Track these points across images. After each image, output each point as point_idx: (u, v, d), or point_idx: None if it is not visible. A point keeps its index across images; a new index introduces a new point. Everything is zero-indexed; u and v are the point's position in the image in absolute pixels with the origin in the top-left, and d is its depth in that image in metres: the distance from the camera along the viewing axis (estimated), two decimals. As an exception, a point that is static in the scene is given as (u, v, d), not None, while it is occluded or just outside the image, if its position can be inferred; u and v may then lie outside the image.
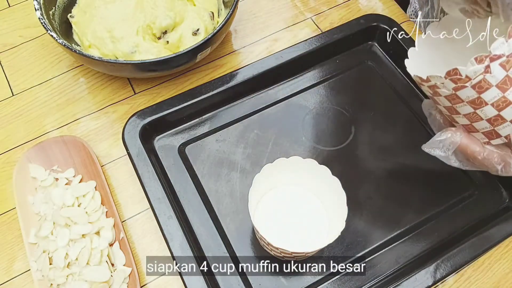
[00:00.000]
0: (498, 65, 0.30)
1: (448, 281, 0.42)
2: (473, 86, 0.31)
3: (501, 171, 0.35)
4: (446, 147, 0.35)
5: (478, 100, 0.31)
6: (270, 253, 0.42)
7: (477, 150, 0.34)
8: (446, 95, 0.33)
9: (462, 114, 0.34)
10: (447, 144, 0.35)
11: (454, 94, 0.32)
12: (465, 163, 0.36)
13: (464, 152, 0.35)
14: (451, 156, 0.36)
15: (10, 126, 0.51)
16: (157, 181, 0.43)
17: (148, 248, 0.44)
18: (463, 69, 0.31)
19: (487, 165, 0.35)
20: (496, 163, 0.34)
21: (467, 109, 0.33)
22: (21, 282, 0.42)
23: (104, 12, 0.51)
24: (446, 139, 0.35)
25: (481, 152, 0.34)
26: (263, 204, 0.43)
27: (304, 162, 0.40)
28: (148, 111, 0.48)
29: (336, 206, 0.39)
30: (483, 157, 0.34)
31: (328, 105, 0.51)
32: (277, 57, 0.52)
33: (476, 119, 0.33)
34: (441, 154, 0.36)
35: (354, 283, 0.41)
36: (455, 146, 0.35)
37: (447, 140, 0.35)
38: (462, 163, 0.36)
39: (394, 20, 0.55)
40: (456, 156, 0.36)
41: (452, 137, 0.35)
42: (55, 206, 0.44)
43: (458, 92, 0.32)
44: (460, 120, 0.34)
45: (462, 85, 0.31)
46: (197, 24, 0.52)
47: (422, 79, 0.34)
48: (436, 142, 0.36)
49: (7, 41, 0.57)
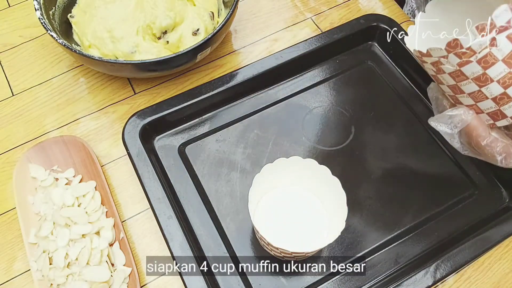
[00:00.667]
0: (505, 38, 0.28)
1: (448, 281, 0.42)
2: (478, 61, 0.29)
3: (500, 162, 0.33)
4: (454, 124, 0.34)
5: (484, 77, 0.30)
6: (270, 253, 0.42)
7: (482, 134, 0.33)
8: (450, 71, 0.31)
9: (466, 93, 0.32)
10: (456, 121, 0.34)
11: (458, 71, 0.31)
12: (466, 146, 0.35)
13: (469, 134, 0.34)
14: (456, 135, 0.34)
15: (10, 126, 0.51)
16: (157, 181, 0.43)
17: (148, 248, 0.44)
18: (465, 39, 0.29)
19: (488, 153, 0.33)
20: (498, 152, 0.33)
21: (472, 87, 0.31)
22: (21, 282, 0.42)
23: (104, 12, 0.51)
24: (457, 115, 0.34)
25: (485, 138, 0.33)
26: (263, 204, 0.43)
27: (304, 162, 0.40)
28: (148, 111, 0.48)
29: (336, 206, 0.39)
30: (486, 143, 0.33)
31: (328, 105, 0.51)
32: (277, 57, 0.52)
33: (481, 98, 0.31)
34: (446, 131, 0.34)
35: (354, 283, 0.41)
36: (464, 124, 0.33)
37: (457, 117, 0.34)
38: (463, 146, 0.35)
39: (394, 20, 0.55)
40: (460, 136, 0.35)
41: (463, 114, 0.33)
42: (55, 206, 0.44)
43: (462, 68, 0.30)
44: (464, 100, 0.33)
45: (467, 60, 0.29)
46: (197, 24, 0.52)
47: (423, 53, 0.33)
48: (445, 117, 0.34)
49: (7, 41, 0.57)
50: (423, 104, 0.51)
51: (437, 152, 0.48)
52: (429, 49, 0.32)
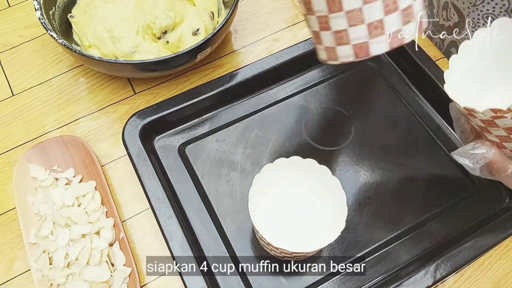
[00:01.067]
0: None
1: (448, 281, 0.42)
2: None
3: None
4: (476, 160, 0.36)
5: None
6: (270, 253, 0.42)
7: (503, 167, 0.35)
8: (482, 119, 0.33)
9: (494, 134, 0.34)
10: (479, 158, 0.35)
11: (491, 121, 0.32)
12: (487, 174, 0.37)
13: (491, 166, 0.35)
14: (478, 169, 0.36)
15: (10, 126, 0.51)
16: (157, 181, 0.43)
17: (148, 248, 0.44)
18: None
19: (508, 182, 0.36)
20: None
21: (501, 132, 0.33)
22: (21, 282, 0.42)
23: (104, 12, 0.51)
24: (479, 153, 0.35)
25: (507, 170, 0.35)
26: (263, 204, 0.43)
27: (304, 162, 0.40)
28: (148, 111, 0.48)
29: (336, 206, 0.39)
30: (507, 174, 0.35)
31: (328, 105, 0.51)
32: (277, 57, 0.52)
33: (508, 140, 0.33)
34: (469, 165, 0.36)
35: (354, 283, 0.41)
36: (486, 161, 0.35)
37: (479, 155, 0.35)
38: (482, 172, 0.37)
39: (394, 20, 0.55)
40: (481, 168, 0.36)
41: (486, 153, 0.35)
42: (55, 206, 0.44)
43: (496, 120, 0.32)
44: (490, 137, 0.35)
45: (501, 115, 0.31)
46: (197, 24, 0.52)
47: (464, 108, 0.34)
48: (468, 153, 0.36)
49: (7, 41, 0.57)
50: (423, 104, 0.51)
51: (437, 152, 0.48)
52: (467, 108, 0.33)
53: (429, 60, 0.51)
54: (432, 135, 0.49)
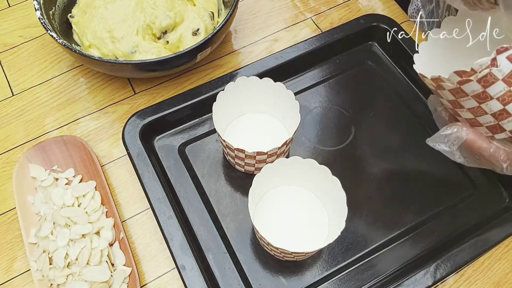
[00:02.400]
0: (505, 58, 0.29)
1: (448, 281, 0.42)
2: (478, 80, 0.30)
3: (506, 169, 0.34)
4: (451, 142, 0.35)
5: (483, 94, 0.31)
6: (270, 253, 0.42)
7: (483, 146, 0.34)
8: (450, 88, 0.32)
9: (466, 108, 0.33)
10: (452, 139, 0.34)
11: (458, 88, 0.32)
12: (470, 159, 0.35)
13: (470, 147, 0.34)
14: (456, 152, 0.35)
15: (10, 126, 0.51)
16: (157, 181, 0.43)
17: (148, 248, 0.44)
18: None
19: (493, 162, 0.34)
20: (502, 160, 0.34)
21: (471, 103, 0.32)
22: (21, 282, 0.42)
23: (104, 12, 0.51)
24: (452, 133, 0.34)
25: (487, 149, 0.34)
26: (263, 204, 0.43)
27: (304, 162, 0.40)
28: (148, 111, 0.48)
29: (336, 206, 0.39)
30: (490, 153, 0.33)
31: (328, 105, 0.51)
32: (277, 57, 0.52)
33: (481, 113, 0.32)
34: (445, 149, 0.35)
35: (354, 283, 0.41)
36: (461, 141, 0.34)
37: (452, 135, 0.34)
38: (466, 159, 0.36)
39: (394, 20, 0.55)
40: (461, 151, 0.35)
41: (458, 132, 0.34)
42: (55, 206, 0.44)
43: (462, 86, 0.31)
44: (464, 114, 0.34)
45: (467, 79, 0.30)
46: (197, 24, 0.52)
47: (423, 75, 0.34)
48: (441, 137, 0.35)
49: (7, 41, 0.57)
50: (423, 104, 0.51)
51: (437, 152, 0.48)
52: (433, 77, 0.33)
53: (429, 60, 0.51)
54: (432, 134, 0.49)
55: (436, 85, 0.34)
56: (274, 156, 0.42)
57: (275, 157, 0.42)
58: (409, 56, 0.52)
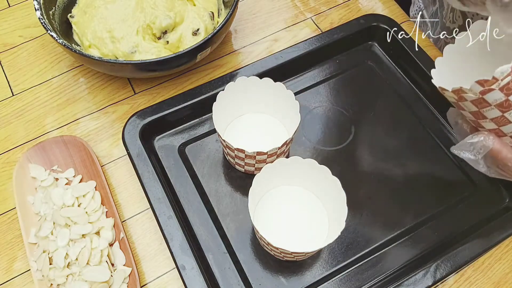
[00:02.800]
0: None
1: (448, 281, 0.42)
2: (500, 88, 0.30)
3: None
4: (477, 150, 0.34)
5: (506, 103, 0.31)
6: (270, 253, 0.42)
7: (508, 156, 0.33)
8: (472, 99, 0.32)
9: (489, 119, 0.33)
10: (478, 148, 0.34)
11: (481, 98, 0.32)
12: (492, 169, 0.35)
13: (495, 157, 0.34)
14: (480, 161, 0.35)
15: (10, 126, 0.51)
16: (157, 181, 0.43)
17: (148, 248, 0.44)
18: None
19: None
20: None
21: (494, 113, 0.32)
22: (21, 282, 0.42)
23: (104, 12, 0.51)
24: (478, 142, 0.34)
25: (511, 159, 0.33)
26: (263, 204, 0.43)
27: (304, 162, 0.40)
28: (148, 111, 0.48)
29: (336, 206, 0.39)
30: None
31: (328, 105, 0.51)
32: (277, 57, 0.52)
33: (504, 122, 0.32)
34: (470, 157, 0.35)
35: (354, 283, 0.41)
36: (486, 150, 0.34)
37: (478, 144, 0.34)
38: (489, 169, 0.35)
39: (394, 20, 0.55)
40: (485, 160, 0.35)
41: (484, 141, 0.34)
42: (55, 206, 0.44)
43: (485, 96, 0.31)
44: (487, 125, 0.34)
45: (489, 88, 0.30)
46: (197, 24, 0.52)
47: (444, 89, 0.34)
48: (467, 145, 0.35)
49: (7, 41, 0.57)
50: (423, 104, 0.51)
51: (437, 152, 0.48)
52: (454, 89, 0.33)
53: (429, 60, 0.51)
54: (432, 135, 0.49)
55: (457, 97, 0.33)
56: (274, 156, 0.42)
57: (275, 157, 0.42)
58: (409, 56, 0.52)
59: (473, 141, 0.34)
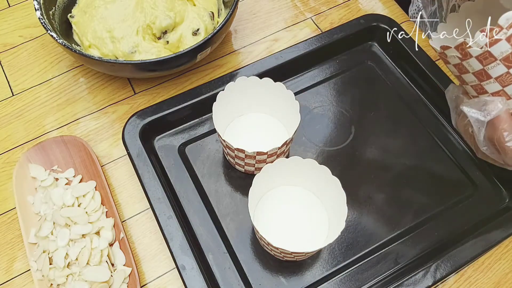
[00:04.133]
0: None
1: (448, 281, 0.42)
2: (507, 38, 0.28)
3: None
4: (488, 111, 0.33)
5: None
6: (270, 253, 0.42)
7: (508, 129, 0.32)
8: (477, 54, 0.31)
9: (493, 78, 0.32)
10: (491, 108, 0.33)
11: (486, 52, 0.30)
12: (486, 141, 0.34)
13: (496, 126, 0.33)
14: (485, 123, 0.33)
15: (10, 126, 0.51)
16: (157, 181, 0.43)
17: (148, 248, 0.44)
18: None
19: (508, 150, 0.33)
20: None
21: (500, 69, 0.31)
22: (21, 282, 0.42)
23: (104, 12, 0.51)
24: (493, 101, 0.33)
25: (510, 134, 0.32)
26: (263, 204, 0.43)
27: (304, 162, 0.40)
28: (148, 111, 0.48)
29: (336, 206, 0.39)
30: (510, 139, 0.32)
31: (328, 105, 0.51)
32: (277, 57, 0.52)
33: (509, 81, 0.31)
34: (479, 117, 0.33)
35: (354, 283, 0.41)
36: (499, 112, 0.32)
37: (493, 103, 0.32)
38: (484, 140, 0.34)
39: (394, 20, 0.55)
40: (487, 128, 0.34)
41: (500, 102, 0.32)
42: (55, 206, 0.44)
43: (491, 49, 0.30)
44: (490, 87, 0.32)
45: (496, 39, 0.29)
46: (197, 24, 0.52)
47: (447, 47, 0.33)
48: (480, 102, 0.33)
49: (7, 41, 0.57)
50: (423, 104, 0.51)
51: (437, 152, 0.48)
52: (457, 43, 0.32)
53: (429, 60, 0.51)
54: (432, 134, 0.49)
55: (461, 54, 0.32)
56: (274, 156, 0.42)
57: (275, 157, 0.42)
58: (409, 56, 0.52)
59: (488, 99, 0.33)
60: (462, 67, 0.34)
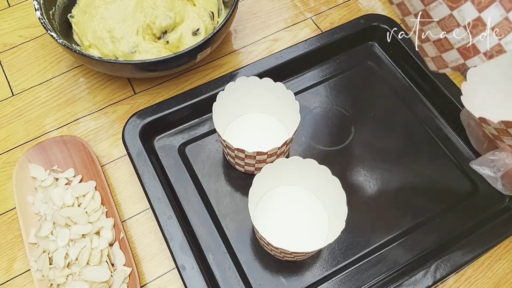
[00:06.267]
0: None
1: (448, 281, 0.42)
2: None
3: None
4: (497, 168, 0.34)
5: None
6: (270, 253, 0.42)
7: None
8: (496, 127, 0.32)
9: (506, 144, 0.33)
10: (500, 165, 0.34)
11: (505, 130, 0.31)
12: (507, 187, 0.35)
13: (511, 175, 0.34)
14: (499, 178, 0.35)
15: (10, 126, 0.51)
16: (157, 181, 0.43)
17: (148, 248, 0.44)
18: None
19: None
20: None
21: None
22: (21, 282, 0.42)
23: (104, 12, 0.51)
24: (500, 159, 0.34)
25: None
26: (263, 204, 0.43)
27: (304, 162, 0.40)
28: (148, 111, 0.48)
29: (336, 206, 0.39)
30: None
31: (328, 105, 0.51)
32: (277, 57, 0.52)
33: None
34: (490, 174, 0.35)
35: (354, 283, 0.41)
36: (508, 168, 0.33)
37: (500, 161, 0.34)
38: (505, 188, 0.35)
39: (394, 20, 0.55)
40: (502, 178, 0.35)
41: (507, 158, 0.33)
42: (55, 206, 0.44)
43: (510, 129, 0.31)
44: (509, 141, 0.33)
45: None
46: (197, 24, 0.52)
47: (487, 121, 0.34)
48: (487, 161, 0.35)
49: (7, 41, 0.57)
50: (423, 104, 0.51)
51: (437, 152, 0.48)
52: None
53: (429, 60, 0.51)
54: (432, 134, 0.49)
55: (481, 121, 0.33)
56: (274, 156, 0.42)
57: (275, 157, 0.42)
58: (409, 56, 0.52)
59: (495, 158, 0.34)
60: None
